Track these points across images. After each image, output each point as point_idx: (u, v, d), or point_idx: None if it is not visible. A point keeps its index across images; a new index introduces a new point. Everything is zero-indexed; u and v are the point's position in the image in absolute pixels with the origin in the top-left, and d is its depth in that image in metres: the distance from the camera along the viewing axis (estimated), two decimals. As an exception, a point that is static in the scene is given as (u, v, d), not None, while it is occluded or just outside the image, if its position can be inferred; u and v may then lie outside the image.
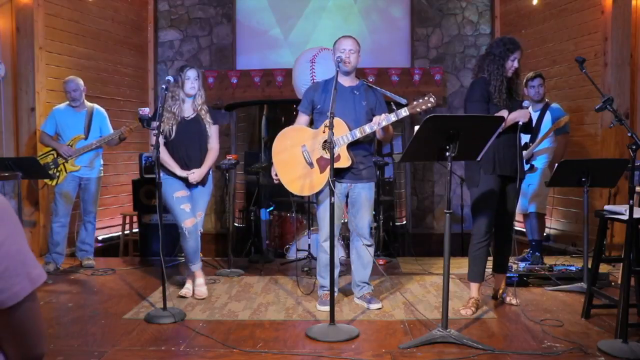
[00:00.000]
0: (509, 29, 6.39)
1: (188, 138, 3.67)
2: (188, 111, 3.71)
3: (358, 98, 3.42)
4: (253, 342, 2.84)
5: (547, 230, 5.62)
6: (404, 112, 3.20)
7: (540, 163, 4.73)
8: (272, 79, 6.77)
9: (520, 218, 5.08)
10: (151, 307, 3.46)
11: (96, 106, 4.84)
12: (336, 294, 3.32)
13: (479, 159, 2.97)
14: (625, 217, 2.84)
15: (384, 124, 3.23)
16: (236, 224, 6.35)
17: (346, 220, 3.85)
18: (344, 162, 3.31)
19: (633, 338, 2.70)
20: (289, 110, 4.79)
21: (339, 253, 4.02)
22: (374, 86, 3.51)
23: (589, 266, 3.48)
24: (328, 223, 3.17)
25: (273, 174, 3.50)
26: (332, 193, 2.95)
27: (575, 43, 5.51)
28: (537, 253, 4.65)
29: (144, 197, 5.56)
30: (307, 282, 4.04)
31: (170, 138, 3.63)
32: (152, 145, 3.36)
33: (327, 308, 3.13)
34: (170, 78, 3.53)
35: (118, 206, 6.37)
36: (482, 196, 3.30)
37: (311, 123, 3.54)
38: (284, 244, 5.33)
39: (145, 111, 3.68)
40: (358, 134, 3.26)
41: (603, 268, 4.12)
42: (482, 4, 6.86)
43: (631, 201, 2.73)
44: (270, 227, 5.76)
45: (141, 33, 6.82)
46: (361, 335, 2.94)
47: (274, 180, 3.51)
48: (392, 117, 3.21)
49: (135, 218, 5.93)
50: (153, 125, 3.46)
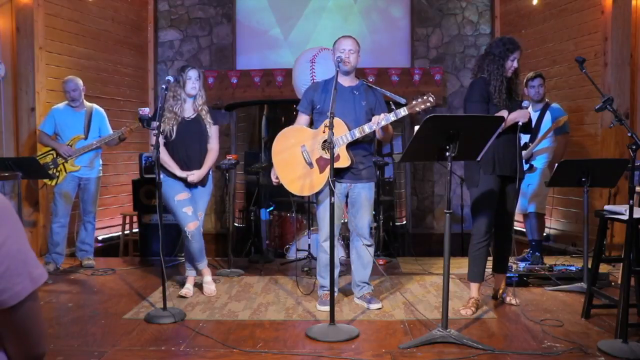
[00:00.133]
0: (509, 29, 6.39)
1: (188, 138, 3.67)
2: (188, 111, 3.71)
3: (358, 98, 3.41)
4: (253, 342, 2.84)
5: (547, 230, 5.62)
6: (403, 112, 3.20)
7: (539, 163, 4.73)
8: (272, 79, 6.77)
9: (520, 218, 5.08)
10: (151, 307, 3.46)
11: (95, 106, 4.83)
12: (336, 294, 3.32)
13: (479, 159, 2.97)
14: (625, 217, 2.84)
15: (383, 124, 3.23)
16: (236, 224, 6.35)
17: (346, 220, 3.85)
18: (344, 162, 3.31)
19: (633, 338, 2.70)
20: (289, 110, 4.79)
21: (339, 253, 4.02)
22: (374, 86, 3.51)
23: (589, 266, 3.48)
24: (328, 223, 3.17)
25: (273, 177, 3.50)
26: (332, 193, 2.95)
27: (575, 43, 5.51)
28: (537, 253, 4.65)
29: (144, 197, 5.56)
30: (307, 282, 4.04)
31: (170, 138, 3.63)
32: (152, 145, 3.36)
33: (327, 308, 3.13)
34: (170, 78, 3.53)
35: (118, 206, 6.37)
36: (482, 196, 3.30)
37: (311, 123, 3.54)
38: (284, 244, 5.34)
39: (145, 111, 3.68)
40: (357, 134, 3.26)
41: (603, 268, 4.12)
42: (482, 4, 6.86)
43: (631, 201, 2.73)
44: (270, 227, 5.76)
45: (141, 33, 6.82)
46: (361, 335, 2.94)
47: (274, 182, 3.51)
48: (391, 117, 3.21)
49: (135, 218, 5.93)
50: (153, 125, 3.46)
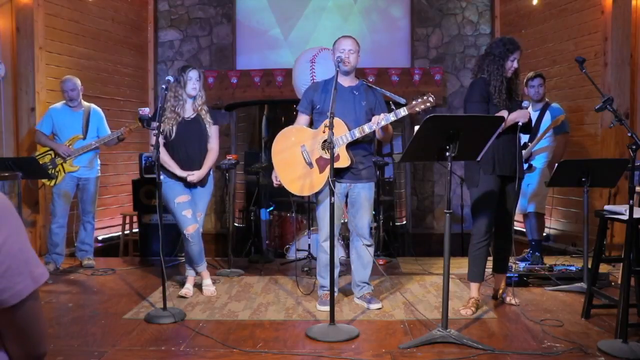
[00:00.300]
0: (509, 29, 6.39)
1: (188, 138, 3.67)
2: (188, 111, 3.71)
3: (358, 98, 3.41)
4: (253, 342, 2.84)
5: (547, 230, 5.63)
6: (403, 112, 3.20)
7: (539, 163, 4.73)
8: (272, 79, 6.77)
9: (520, 218, 5.08)
10: (151, 307, 3.46)
11: (93, 106, 4.81)
12: (336, 294, 3.32)
13: (479, 159, 2.97)
14: (625, 217, 2.84)
15: (383, 124, 3.23)
16: (236, 224, 6.35)
17: (346, 220, 3.85)
18: (344, 162, 3.31)
19: (633, 338, 2.70)
20: (289, 110, 4.80)
21: (339, 253, 4.02)
22: (374, 86, 3.51)
23: (589, 266, 3.48)
24: (328, 223, 3.17)
25: (274, 178, 3.50)
26: (332, 193, 2.95)
27: (575, 43, 5.51)
28: (537, 253, 4.65)
29: (144, 197, 5.56)
30: (307, 282, 4.04)
31: (170, 138, 3.63)
32: (152, 145, 3.36)
33: (327, 308, 3.13)
34: (170, 78, 3.52)
35: (118, 206, 6.37)
36: (482, 196, 3.30)
37: (311, 123, 3.54)
38: (284, 244, 5.34)
39: (145, 111, 3.67)
40: (357, 134, 3.26)
41: (603, 268, 4.12)
42: (482, 4, 6.86)
43: (631, 201, 2.73)
44: (270, 227, 5.76)
45: (141, 33, 6.82)
46: (361, 335, 2.94)
47: (275, 184, 3.51)
48: (391, 117, 3.21)
49: (135, 218, 5.93)
50: (153, 125, 3.46)
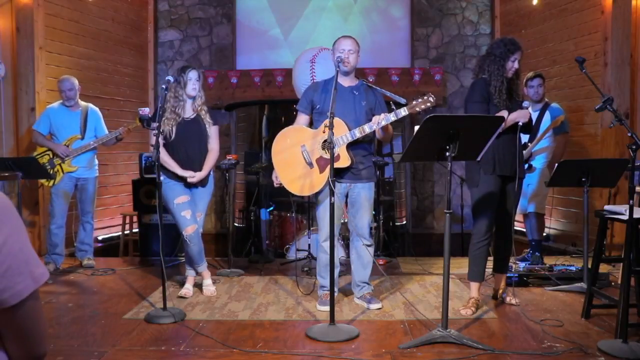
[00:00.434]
0: (509, 29, 6.39)
1: (188, 139, 3.66)
2: (188, 112, 3.71)
3: (358, 98, 3.41)
4: (253, 342, 2.84)
5: (547, 230, 5.63)
6: (403, 112, 3.20)
7: (539, 163, 4.73)
8: (272, 79, 6.77)
9: (520, 218, 5.08)
10: (151, 307, 3.45)
11: (90, 105, 4.79)
12: (336, 294, 3.32)
13: (479, 159, 2.97)
14: (625, 217, 2.84)
15: (384, 124, 3.23)
16: (236, 224, 6.35)
17: (346, 220, 3.86)
18: (344, 162, 3.31)
19: (633, 338, 2.70)
20: (289, 110, 4.79)
21: (339, 253, 4.02)
22: (374, 86, 3.51)
23: (589, 266, 3.48)
24: (328, 223, 3.17)
25: (274, 179, 3.49)
26: (332, 193, 2.95)
27: (575, 43, 5.51)
28: (537, 253, 4.65)
29: (144, 197, 5.56)
30: (307, 282, 4.04)
31: (170, 139, 3.63)
32: (152, 145, 3.36)
33: (327, 308, 3.13)
34: (170, 78, 3.51)
35: (118, 206, 6.37)
36: (482, 196, 3.30)
37: (311, 123, 3.54)
38: (284, 244, 5.34)
39: (145, 111, 3.67)
40: (358, 134, 3.26)
41: (603, 268, 4.12)
42: (482, 4, 6.86)
43: (631, 201, 2.73)
44: (270, 227, 5.76)
45: (141, 33, 6.81)
46: (361, 335, 2.94)
47: (275, 184, 3.50)
48: (392, 117, 3.21)
49: (135, 218, 5.93)
50: (153, 125, 3.46)
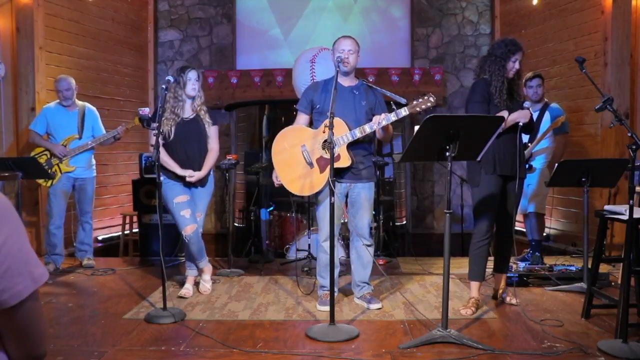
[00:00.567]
0: (509, 29, 6.39)
1: (187, 139, 3.66)
2: (187, 112, 3.71)
3: (358, 98, 3.41)
4: (253, 342, 2.84)
5: (547, 230, 5.62)
6: (404, 112, 3.20)
7: (538, 163, 4.73)
8: (272, 79, 6.77)
9: (520, 218, 5.08)
10: (151, 307, 3.45)
11: (87, 105, 4.77)
12: (336, 294, 3.32)
13: (480, 160, 2.97)
14: (625, 217, 2.84)
15: (384, 124, 3.23)
16: (236, 224, 6.35)
17: (346, 220, 3.86)
18: (344, 162, 3.31)
19: (633, 338, 2.70)
20: (289, 110, 4.79)
21: (339, 253, 4.02)
22: (374, 86, 3.51)
23: (589, 266, 3.48)
24: (328, 223, 3.17)
25: (275, 179, 3.49)
26: (332, 193, 2.95)
27: (575, 43, 5.51)
28: (537, 253, 4.65)
29: (144, 197, 5.56)
30: (307, 282, 4.04)
31: (169, 139, 3.62)
32: (152, 145, 3.36)
33: (327, 308, 3.13)
34: (170, 78, 3.51)
35: (118, 206, 6.37)
36: (483, 196, 3.30)
37: (311, 123, 3.54)
38: (284, 244, 5.34)
39: (145, 111, 3.67)
40: (358, 134, 3.26)
41: (603, 268, 4.12)
42: (482, 4, 6.86)
43: (631, 201, 2.73)
44: (270, 227, 5.76)
45: (141, 33, 6.81)
46: (361, 335, 2.94)
47: (276, 184, 3.50)
48: (392, 117, 3.21)
49: (135, 218, 5.93)
50: (153, 125, 3.46)
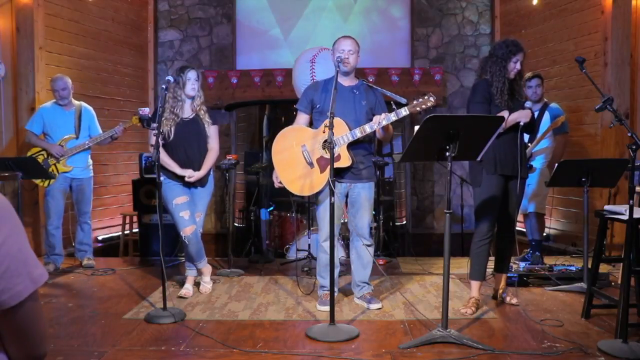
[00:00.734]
0: (509, 29, 6.39)
1: (187, 139, 3.66)
2: (187, 112, 3.70)
3: (358, 98, 3.41)
4: (253, 342, 2.84)
5: (547, 230, 5.62)
6: (404, 112, 3.20)
7: (538, 163, 4.73)
8: (272, 79, 6.77)
9: (520, 218, 5.07)
10: (151, 307, 3.45)
11: (84, 104, 4.75)
12: (336, 294, 3.32)
13: (481, 160, 2.97)
14: (625, 217, 2.84)
15: (384, 124, 3.23)
16: (236, 224, 6.34)
17: (346, 220, 3.86)
18: (345, 162, 3.31)
19: (633, 338, 2.70)
20: (289, 110, 4.80)
21: (339, 253, 4.02)
22: (374, 86, 3.51)
23: (589, 266, 3.48)
24: (328, 223, 3.17)
25: (275, 180, 3.49)
26: (332, 193, 2.95)
27: (575, 43, 5.51)
28: (537, 253, 4.65)
29: (144, 197, 5.56)
30: (307, 282, 4.04)
31: (169, 139, 3.62)
32: (152, 145, 3.36)
33: (327, 308, 3.13)
34: (170, 78, 3.50)
35: (118, 206, 6.37)
36: (485, 196, 3.31)
37: (311, 123, 3.54)
38: (284, 244, 5.33)
39: (145, 111, 3.67)
40: (358, 134, 3.26)
41: (603, 268, 4.12)
42: (482, 4, 6.85)
43: (631, 201, 2.73)
44: (270, 227, 5.76)
45: (141, 33, 6.81)
46: (361, 335, 2.94)
47: (276, 184, 3.50)
48: (392, 117, 3.21)
49: (135, 218, 5.93)
50: (153, 125, 3.45)
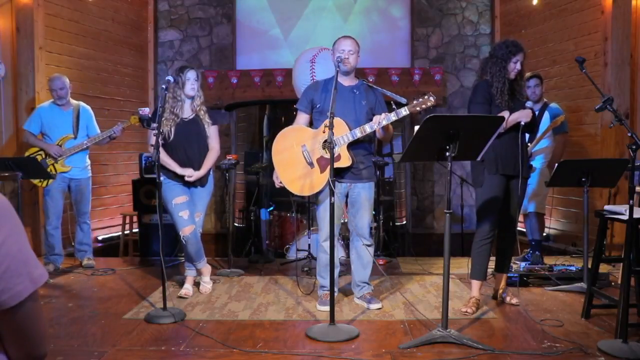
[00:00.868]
0: (509, 29, 6.39)
1: (187, 139, 3.66)
2: (187, 112, 3.70)
3: (358, 97, 3.41)
4: (253, 342, 2.84)
5: (547, 230, 5.62)
6: (404, 112, 3.20)
7: (538, 163, 4.73)
8: (272, 79, 6.77)
9: (520, 218, 5.07)
10: (151, 307, 3.45)
11: (82, 104, 4.74)
12: (336, 294, 3.32)
13: (483, 160, 2.97)
14: (625, 217, 2.84)
15: (385, 123, 3.23)
16: (236, 224, 6.34)
17: (346, 220, 3.85)
18: (345, 162, 3.31)
19: (633, 338, 2.70)
20: (289, 110, 4.80)
21: (339, 253, 4.02)
22: (374, 86, 3.51)
23: (589, 266, 3.48)
24: (328, 223, 3.17)
25: (276, 180, 3.49)
26: (332, 193, 2.95)
27: (575, 43, 5.51)
28: (537, 252, 4.65)
29: (144, 197, 5.56)
30: (307, 282, 4.04)
31: (169, 140, 3.62)
32: (152, 145, 3.35)
33: (327, 308, 3.13)
34: (170, 78, 3.50)
35: (118, 206, 6.37)
36: (487, 196, 3.31)
37: (311, 123, 3.54)
38: (284, 244, 5.33)
39: (145, 111, 3.67)
40: (358, 134, 3.26)
41: (603, 268, 4.12)
42: (482, 4, 6.85)
43: (631, 201, 2.73)
44: (270, 227, 5.76)
45: (141, 33, 6.81)
46: (361, 335, 2.94)
47: (277, 184, 3.50)
48: (392, 117, 3.21)
49: (135, 218, 5.93)
50: (153, 125, 3.45)
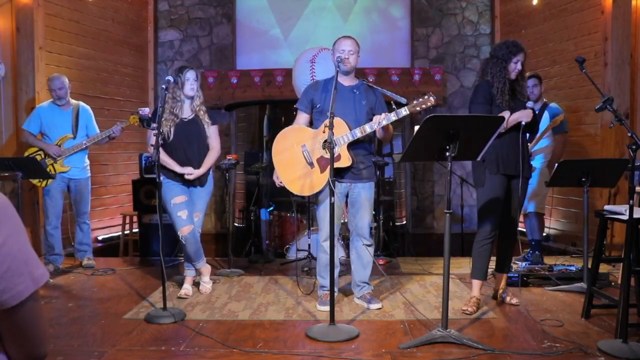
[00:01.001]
0: (509, 29, 6.39)
1: (186, 139, 3.66)
2: (186, 112, 3.70)
3: (358, 97, 3.41)
4: (253, 342, 2.84)
5: (547, 230, 5.62)
6: (404, 111, 3.20)
7: (538, 163, 4.73)
8: (272, 79, 6.77)
9: (520, 218, 5.07)
10: (151, 307, 3.46)
11: (81, 104, 4.73)
12: (336, 294, 3.32)
13: (484, 160, 2.97)
14: (625, 217, 2.84)
15: (385, 123, 3.23)
16: (236, 224, 6.35)
17: (346, 220, 3.85)
18: (345, 162, 3.31)
19: (633, 338, 2.70)
20: (289, 110, 4.79)
21: (339, 253, 4.02)
22: (374, 86, 3.51)
23: (589, 266, 3.48)
24: (328, 223, 3.17)
25: (276, 179, 3.48)
26: (332, 193, 2.95)
27: (575, 43, 5.51)
28: (537, 252, 4.65)
29: (144, 197, 5.56)
30: (307, 282, 4.04)
31: (168, 140, 3.62)
32: (152, 145, 3.35)
33: (327, 308, 3.13)
34: (170, 78, 3.50)
35: (118, 206, 6.37)
36: (488, 196, 3.32)
37: (311, 123, 3.54)
38: (284, 244, 5.33)
39: (145, 111, 3.67)
40: (358, 134, 3.26)
41: (603, 268, 4.12)
42: (482, 4, 6.86)
43: (631, 201, 2.73)
44: (270, 227, 5.76)
45: (141, 33, 6.81)
46: (361, 335, 2.94)
47: (277, 184, 3.50)
48: (392, 117, 3.22)
49: (135, 218, 5.93)
50: (153, 126, 3.45)
